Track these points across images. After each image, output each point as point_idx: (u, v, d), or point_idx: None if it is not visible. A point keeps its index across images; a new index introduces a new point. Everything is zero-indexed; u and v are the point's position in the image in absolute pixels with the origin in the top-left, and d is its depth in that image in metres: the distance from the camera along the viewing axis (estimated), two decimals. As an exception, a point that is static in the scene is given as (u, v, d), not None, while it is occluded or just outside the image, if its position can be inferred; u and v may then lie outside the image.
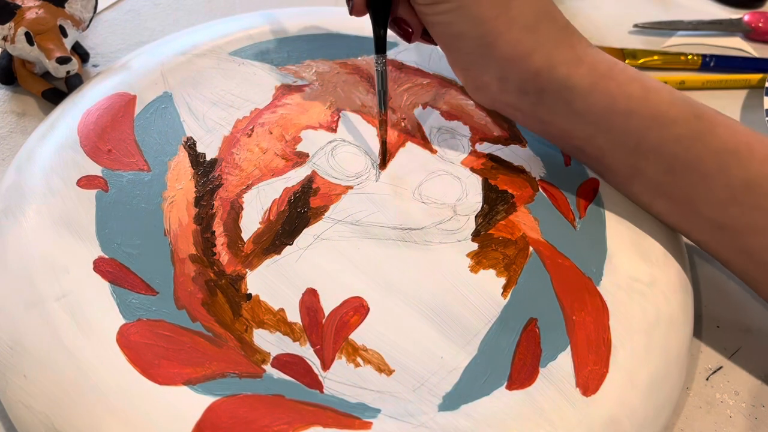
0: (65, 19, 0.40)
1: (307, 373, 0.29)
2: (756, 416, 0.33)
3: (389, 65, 0.43)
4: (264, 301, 0.31)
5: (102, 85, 0.39)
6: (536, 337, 0.31)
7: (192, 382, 0.27)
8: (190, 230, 0.33)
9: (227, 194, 0.35)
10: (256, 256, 0.32)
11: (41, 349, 0.28)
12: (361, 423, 0.27)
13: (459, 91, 0.42)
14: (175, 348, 0.28)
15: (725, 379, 0.34)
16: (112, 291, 0.30)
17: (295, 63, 0.42)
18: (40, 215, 0.32)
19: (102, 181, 0.34)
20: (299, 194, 0.35)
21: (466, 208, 0.36)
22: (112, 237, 0.32)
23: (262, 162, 0.36)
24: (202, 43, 0.42)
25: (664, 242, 0.35)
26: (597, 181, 0.38)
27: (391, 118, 0.39)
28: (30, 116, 0.41)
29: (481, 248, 0.34)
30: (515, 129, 0.41)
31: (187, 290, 0.31)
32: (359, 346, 0.30)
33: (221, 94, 0.39)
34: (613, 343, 0.31)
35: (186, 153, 0.36)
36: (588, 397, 0.29)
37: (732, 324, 0.37)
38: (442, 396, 0.29)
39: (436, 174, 0.37)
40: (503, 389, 0.29)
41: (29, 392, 0.27)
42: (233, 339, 0.29)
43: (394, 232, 0.34)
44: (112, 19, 0.49)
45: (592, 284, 0.33)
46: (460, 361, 0.30)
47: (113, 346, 0.28)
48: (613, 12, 0.57)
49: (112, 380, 0.27)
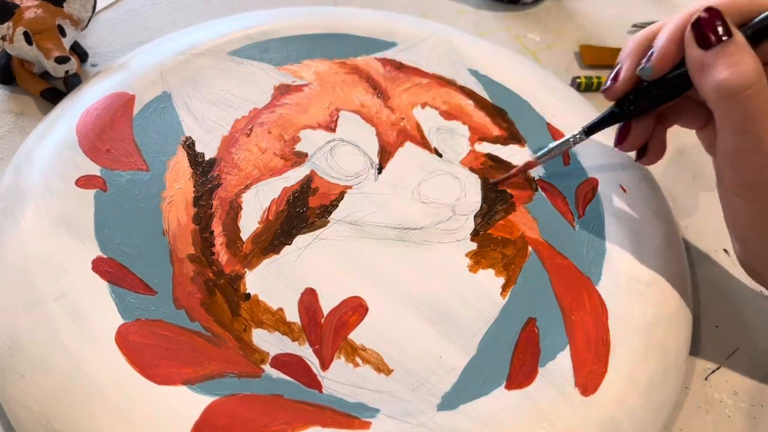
0: (64, 18, 0.40)
1: (305, 372, 0.29)
2: (755, 416, 0.33)
3: (388, 65, 0.43)
4: (263, 301, 0.31)
5: (101, 84, 0.39)
6: (535, 336, 0.31)
7: (191, 382, 0.27)
8: (189, 230, 0.33)
9: (226, 194, 0.34)
10: (255, 255, 0.32)
11: (40, 349, 0.28)
12: (360, 423, 0.27)
13: (458, 90, 0.42)
14: (174, 348, 0.28)
15: (724, 378, 0.34)
16: (110, 291, 0.30)
17: (294, 63, 0.42)
18: (39, 215, 0.32)
19: (101, 181, 0.34)
20: (298, 194, 0.35)
21: (465, 207, 0.36)
22: (110, 237, 0.32)
23: (261, 162, 0.36)
24: (201, 42, 0.42)
25: (663, 242, 0.35)
26: (596, 180, 0.38)
27: (390, 118, 0.40)
28: (29, 116, 0.41)
29: (480, 248, 0.34)
30: (514, 129, 0.41)
31: (186, 290, 0.31)
32: (358, 346, 0.30)
33: (220, 94, 0.39)
34: (612, 342, 0.31)
35: (185, 153, 0.36)
36: (587, 396, 0.29)
37: (731, 324, 0.37)
38: (440, 396, 0.29)
39: (435, 174, 0.37)
40: (502, 389, 0.29)
41: (28, 392, 0.27)
42: (232, 339, 0.29)
43: (393, 232, 0.34)
44: (111, 18, 0.49)
45: (591, 284, 0.33)
46: (459, 361, 0.30)
47: (112, 346, 0.28)
48: (612, 12, 0.57)
49: (111, 380, 0.27)
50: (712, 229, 0.41)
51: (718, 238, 0.40)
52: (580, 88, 0.48)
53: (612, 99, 0.33)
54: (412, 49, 0.44)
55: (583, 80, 0.48)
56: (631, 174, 0.39)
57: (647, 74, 0.31)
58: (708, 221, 0.42)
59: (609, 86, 0.32)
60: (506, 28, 0.54)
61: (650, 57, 0.30)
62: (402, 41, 0.45)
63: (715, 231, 0.41)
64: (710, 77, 0.27)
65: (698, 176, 0.44)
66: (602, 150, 0.40)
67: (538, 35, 0.53)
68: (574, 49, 0.52)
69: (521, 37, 0.53)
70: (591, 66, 0.51)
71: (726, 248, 0.40)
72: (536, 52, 0.52)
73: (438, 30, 0.46)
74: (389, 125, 0.39)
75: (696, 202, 0.43)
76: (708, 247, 0.40)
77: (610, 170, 0.39)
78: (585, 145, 0.40)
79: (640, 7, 0.58)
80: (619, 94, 0.32)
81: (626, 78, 0.32)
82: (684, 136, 0.46)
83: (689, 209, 0.42)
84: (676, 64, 0.30)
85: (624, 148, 0.34)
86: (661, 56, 0.30)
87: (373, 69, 0.42)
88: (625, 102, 0.32)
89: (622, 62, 0.32)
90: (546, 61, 0.51)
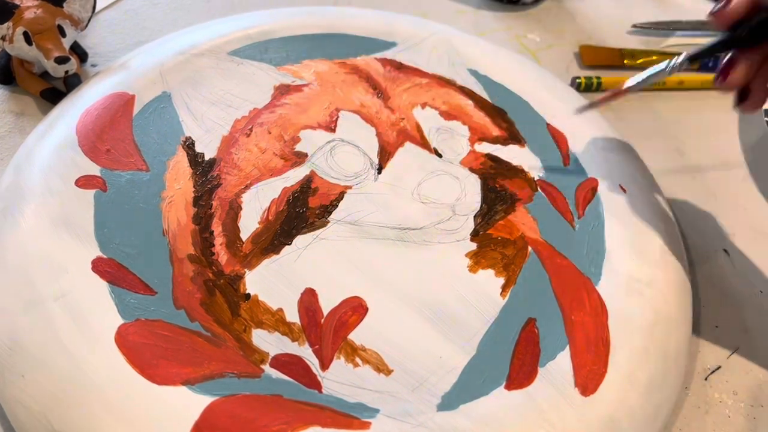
0: (64, 18, 0.40)
1: (305, 372, 0.29)
2: (754, 416, 0.33)
3: (388, 65, 0.43)
4: (263, 301, 0.31)
5: (101, 84, 0.39)
6: (535, 336, 0.31)
7: (191, 382, 0.27)
8: (189, 230, 0.33)
9: (226, 194, 0.34)
10: (254, 255, 0.32)
11: (39, 349, 0.28)
12: (359, 423, 0.27)
13: (458, 91, 0.42)
14: (174, 348, 0.28)
15: (724, 378, 0.34)
16: (110, 291, 0.30)
17: (294, 63, 0.42)
18: (39, 215, 0.32)
19: (100, 181, 0.34)
20: (298, 194, 0.35)
21: (464, 207, 0.36)
22: (110, 237, 0.32)
23: (260, 162, 0.36)
24: (201, 42, 0.42)
25: (662, 242, 0.35)
26: (596, 180, 0.38)
27: (390, 118, 0.39)
28: (28, 116, 0.41)
29: (480, 248, 0.34)
30: (514, 129, 0.41)
31: (186, 290, 0.31)
32: (358, 346, 0.30)
33: (220, 94, 0.39)
34: (611, 342, 0.31)
35: (185, 153, 0.36)
36: (587, 396, 0.29)
37: (730, 324, 0.37)
38: (440, 396, 0.29)
39: (434, 174, 0.37)
40: (502, 389, 0.29)
41: (27, 392, 0.27)
42: (232, 339, 0.29)
43: (393, 232, 0.34)
44: (110, 18, 0.49)
45: (590, 284, 0.33)
46: (459, 361, 0.30)
47: (112, 346, 0.28)
48: (612, 12, 0.57)
49: (111, 380, 0.27)
50: (712, 229, 0.41)
51: (718, 238, 0.40)
52: (580, 88, 0.48)
53: (722, 25, 0.28)
54: (412, 49, 0.44)
55: (583, 80, 0.48)
56: (630, 174, 0.39)
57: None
58: (708, 221, 0.42)
59: (719, 9, 0.27)
60: (506, 28, 0.54)
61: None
62: (402, 41, 0.45)
63: (715, 231, 0.41)
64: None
65: (698, 176, 0.44)
66: (602, 150, 0.40)
67: (538, 35, 0.53)
68: (574, 50, 0.52)
69: (521, 37, 0.53)
70: (591, 66, 0.51)
71: (726, 248, 0.40)
72: (536, 52, 0.52)
73: (438, 30, 0.46)
74: (389, 125, 0.39)
75: (696, 202, 0.43)
76: (708, 247, 0.40)
77: (609, 170, 0.39)
78: (585, 145, 0.40)
79: (640, 7, 0.58)
80: (731, 18, 0.28)
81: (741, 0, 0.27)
82: (684, 136, 0.47)
83: (689, 209, 0.42)
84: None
85: (725, 85, 0.30)
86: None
87: (373, 69, 0.42)
88: (739, 27, 0.28)
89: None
90: (546, 61, 0.51)
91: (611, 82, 0.48)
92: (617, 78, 0.48)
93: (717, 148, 0.46)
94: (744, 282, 0.38)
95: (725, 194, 0.43)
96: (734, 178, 0.45)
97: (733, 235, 0.41)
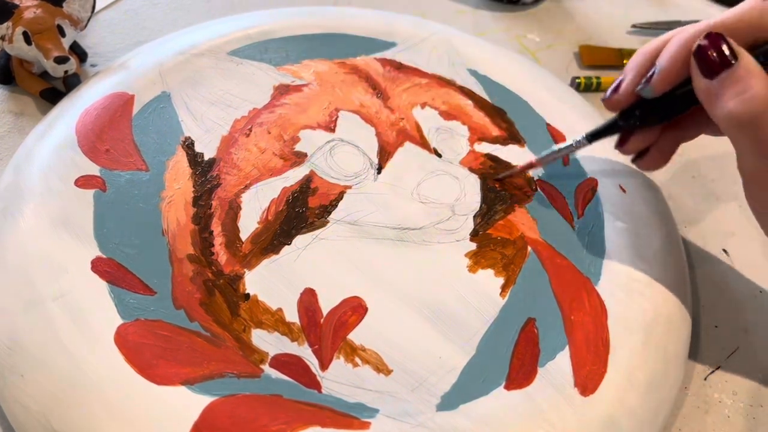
0: (63, 18, 0.40)
1: (305, 372, 0.29)
2: (754, 416, 0.33)
3: (388, 65, 0.43)
4: (262, 301, 0.31)
5: (100, 84, 0.39)
6: (535, 336, 0.31)
7: (190, 382, 0.27)
8: (188, 230, 0.33)
9: (225, 194, 0.34)
10: (254, 255, 0.32)
11: (39, 349, 0.28)
12: (359, 423, 0.27)
13: (458, 90, 0.42)
14: (173, 348, 0.28)
15: (723, 379, 0.34)
16: (110, 291, 0.30)
17: (294, 63, 0.42)
18: (38, 215, 0.32)
19: (100, 181, 0.34)
20: (297, 194, 0.35)
21: (464, 207, 0.36)
22: (110, 237, 0.32)
23: (260, 162, 0.36)
24: (201, 42, 0.42)
25: (662, 242, 0.35)
26: (595, 180, 0.38)
27: (389, 118, 0.39)
28: (28, 116, 0.41)
29: (480, 248, 0.34)
30: (514, 129, 0.41)
31: (186, 290, 0.31)
32: (357, 346, 0.30)
33: (220, 94, 0.39)
34: (611, 342, 0.31)
35: (184, 153, 0.36)
36: (586, 396, 0.29)
37: (730, 324, 0.37)
38: (440, 396, 0.29)
39: (434, 174, 0.37)
40: (502, 389, 0.29)
41: (27, 392, 0.27)
42: (231, 339, 0.29)
43: (393, 232, 0.34)
44: (110, 18, 0.49)
45: (590, 284, 0.33)
46: (459, 361, 0.30)
47: (111, 346, 0.28)
48: (612, 12, 0.57)
49: (110, 380, 0.27)
50: (712, 229, 0.41)
51: (718, 238, 0.40)
52: (579, 88, 0.48)
53: (612, 110, 0.32)
54: (412, 49, 0.44)
55: (583, 80, 0.48)
56: (630, 174, 0.39)
57: (647, 94, 0.30)
58: (708, 221, 0.42)
59: (609, 97, 0.31)
60: (506, 28, 0.54)
61: (651, 77, 0.29)
62: (401, 41, 0.45)
63: (715, 231, 0.41)
64: (718, 106, 0.26)
65: (698, 176, 0.44)
66: (602, 150, 0.40)
67: (537, 35, 0.53)
68: (574, 50, 0.52)
69: (521, 38, 0.53)
70: (590, 66, 0.51)
71: (726, 248, 0.40)
72: (536, 52, 0.52)
73: (438, 30, 0.46)
74: (389, 125, 0.39)
75: (696, 202, 0.43)
76: (708, 247, 0.40)
77: (609, 170, 0.39)
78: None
79: (640, 7, 0.58)
80: (619, 106, 0.31)
81: (627, 92, 0.31)
82: (683, 136, 0.46)
83: (689, 209, 0.42)
84: (682, 81, 0.28)
85: (624, 152, 0.34)
86: (661, 78, 0.29)
87: (372, 69, 0.42)
88: (629, 114, 0.31)
89: (625, 75, 0.31)
90: (546, 61, 0.51)
91: (611, 82, 0.48)
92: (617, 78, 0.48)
93: (717, 148, 0.46)
94: (744, 282, 0.38)
95: (725, 194, 0.43)
96: (734, 178, 0.44)
97: (733, 235, 0.41)
